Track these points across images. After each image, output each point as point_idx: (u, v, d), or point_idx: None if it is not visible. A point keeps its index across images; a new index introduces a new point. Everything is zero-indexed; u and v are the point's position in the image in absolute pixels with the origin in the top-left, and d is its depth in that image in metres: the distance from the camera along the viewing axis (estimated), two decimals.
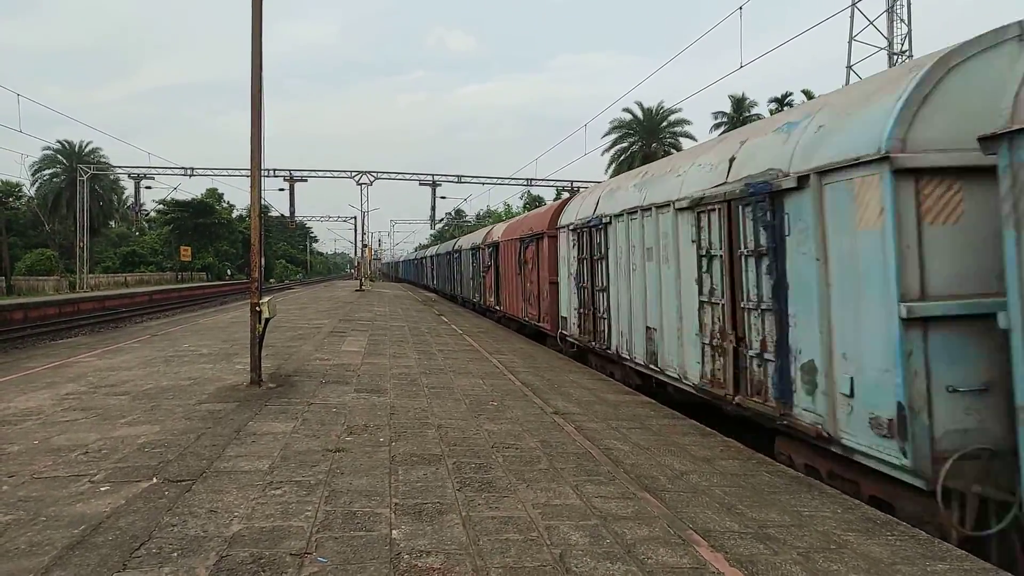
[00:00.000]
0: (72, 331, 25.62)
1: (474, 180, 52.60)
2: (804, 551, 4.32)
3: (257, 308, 9.64)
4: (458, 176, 51.70)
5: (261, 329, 9.68)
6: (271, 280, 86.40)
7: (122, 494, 5.13)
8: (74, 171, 54.14)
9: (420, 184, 51.34)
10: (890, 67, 29.99)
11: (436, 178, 51.13)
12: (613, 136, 56.28)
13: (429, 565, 4.00)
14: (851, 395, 5.55)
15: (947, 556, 4.29)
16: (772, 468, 6.31)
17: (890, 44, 32.23)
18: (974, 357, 5.02)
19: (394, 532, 4.47)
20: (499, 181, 53.03)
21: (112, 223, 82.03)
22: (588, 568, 4.01)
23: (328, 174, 51.21)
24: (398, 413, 8.11)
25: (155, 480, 5.48)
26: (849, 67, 32.87)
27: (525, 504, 5.08)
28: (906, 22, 32.06)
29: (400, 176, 52.02)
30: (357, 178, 50.08)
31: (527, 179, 52.79)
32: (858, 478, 5.71)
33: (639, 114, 55.99)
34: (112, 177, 66.25)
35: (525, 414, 8.25)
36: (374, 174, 50.41)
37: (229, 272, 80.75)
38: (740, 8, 16.88)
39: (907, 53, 31.36)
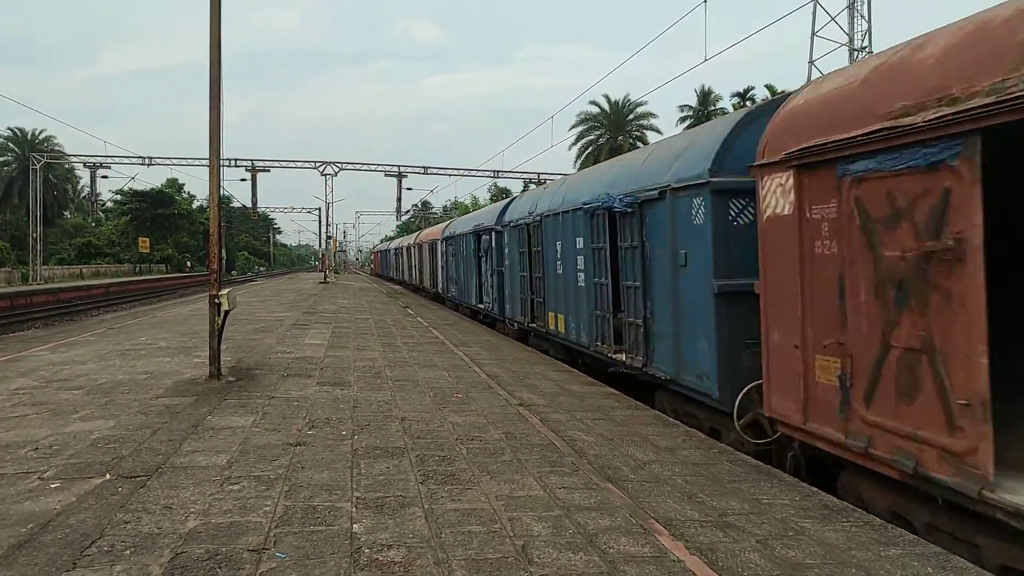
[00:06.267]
0: (24, 324, 24.87)
1: (441, 172, 52.36)
2: (762, 538, 4.39)
3: (216, 300, 9.44)
4: (424, 167, 51.37)
5: (220, 321, 9.48)
6: (233, 272, 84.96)
7: (73, 491, 4.99)
8: (26, 160, 52.50)
9: (386, 175, 50.98)
10: (850, 63, 30.51)
11: (402, 169, 50.78)
12: (580, 129, 56.44)
13: (390, 559, 3.96)
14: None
15: (899, 541, 4.39)
16: (733, 457, 6.40)
17: (851, 40, 32.83)
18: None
19: (355, 526, 4.42)
20: (466, 173, 52.89)
21: (67, 213, 79.83)
22: (550, 559, 4.01)
23: (291, 164, 50.52)
24: (361, 406, 8.03)
25: (108, 476, 5.33)
26: (811, 62, 33.41)
27: (488, 496, 5.06)
28: (866, 18, 32.69)
29: (365, 167, 51.55)
30: (321, 168, 49.46)
31: (494, 171, 52.76)
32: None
33: (606, 107, 56.22)
34: (67, 166, 64.50)
35: (490, 406, 8.23)
36: (339, 164, 49.86)
37: (189, 264, 79.09)
38: (704, 2, 17.01)
39: (867, 49, 31.97)
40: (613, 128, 56.11)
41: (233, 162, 47.56)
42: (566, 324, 11.95)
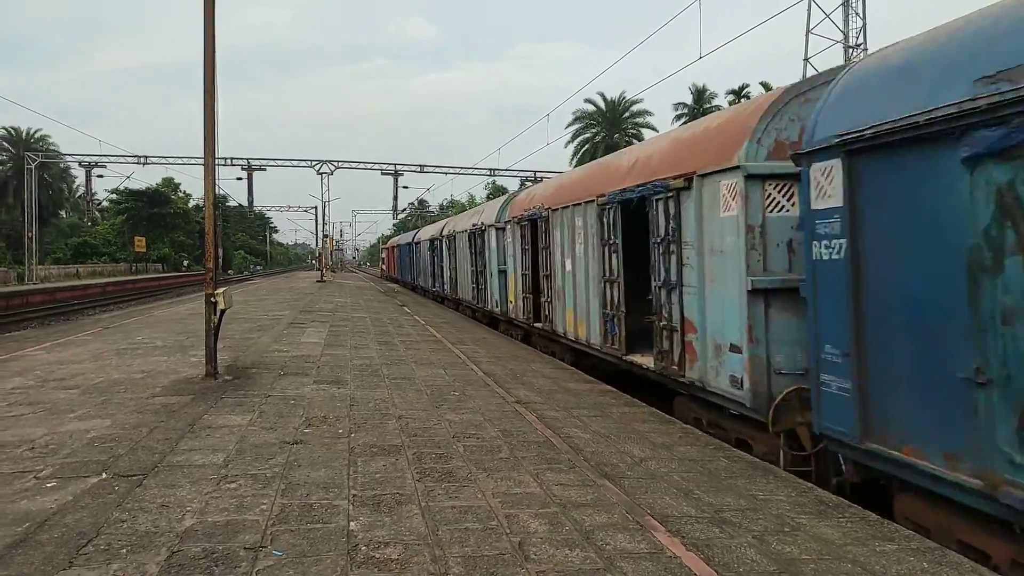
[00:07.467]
0: (20, 324, 24.80)
1: (437, 170, 52.28)
2: (759, 534, 4.40)
3: (212, 299, 9.43)
4: (420, 166, 51.31)
5: (216, 320, 9.47)
6: (230, 271, 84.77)
7: (70, 490, 4.98)
8: (21, 159, 52.32)
9: (382, 173, 50.87)
10: (845, 60, 30.52)
11: (398, 167, 50.70)
12: (576, 127, 56.38)
13: (387, 556, 3.96)
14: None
15: (895, 536, 4.41)
16: (729, 453, 6.42)
17: (846, 37, 32.85)
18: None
19: (352, 524, 4.42)
20: (462, 171, 52.77)
21: (63, 213, 79.57)
22: (547, 555, 4.02)
23: (287, 163, 50.42)
24: (358, 404, 8.02)
25: (104, 475, 5.33)
26: (806, 59, 33.44)
27: (485, 493, 5.07)
28: (861, 16, 32.70)
29: (362, 165, 51.46)
30: (317, 167, 49.35)
31: (490, 169, 52.64)
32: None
33: (601, 105, 56.17)
34: (62, 165, 64.28)
35: (487, 404, 8.24)
36: (335, 163, 49.75)
37: (186, 263, 78.81)
38: None
39: (862, 46, 31.99)
40: (609, 126, 56.07)
41: (229, 161, 47.49)
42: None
